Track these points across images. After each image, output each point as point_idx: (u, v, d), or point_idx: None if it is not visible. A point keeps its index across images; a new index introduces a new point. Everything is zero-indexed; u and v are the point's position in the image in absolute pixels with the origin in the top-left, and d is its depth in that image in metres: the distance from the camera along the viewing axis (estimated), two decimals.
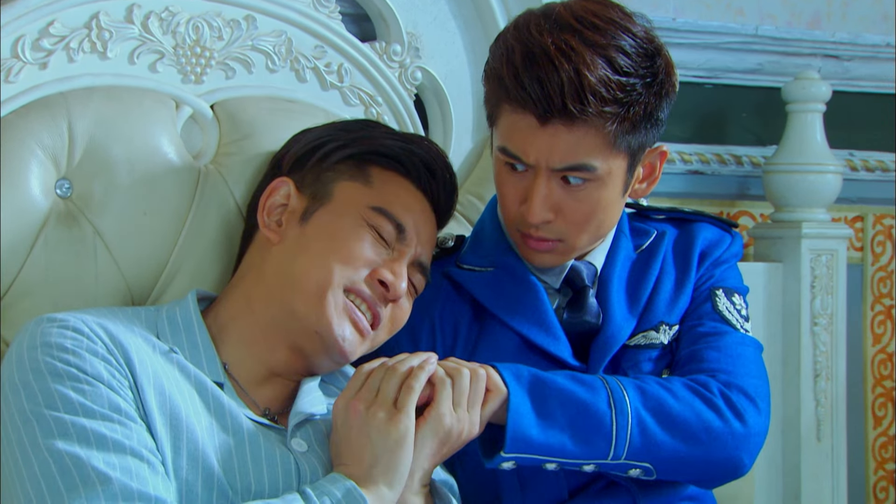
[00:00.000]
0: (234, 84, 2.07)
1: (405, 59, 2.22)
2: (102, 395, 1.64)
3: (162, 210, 1.94)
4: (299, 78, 2.12)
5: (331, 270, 1.79)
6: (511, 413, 1.79)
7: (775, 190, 2.70)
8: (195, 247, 1.96)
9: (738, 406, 1.89)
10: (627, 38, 1.85)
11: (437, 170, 1.90)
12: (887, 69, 2.92)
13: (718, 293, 2.03)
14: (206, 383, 1.75)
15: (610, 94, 1.82)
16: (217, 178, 1.98)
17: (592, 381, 1.86)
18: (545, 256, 1.96)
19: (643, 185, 1.99)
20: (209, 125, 2.03)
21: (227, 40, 2.05)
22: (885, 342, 3.05)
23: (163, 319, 1.81)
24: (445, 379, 1.74)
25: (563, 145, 1.85)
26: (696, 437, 1.86)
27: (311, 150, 1.88)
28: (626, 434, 1.83)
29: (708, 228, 2.09)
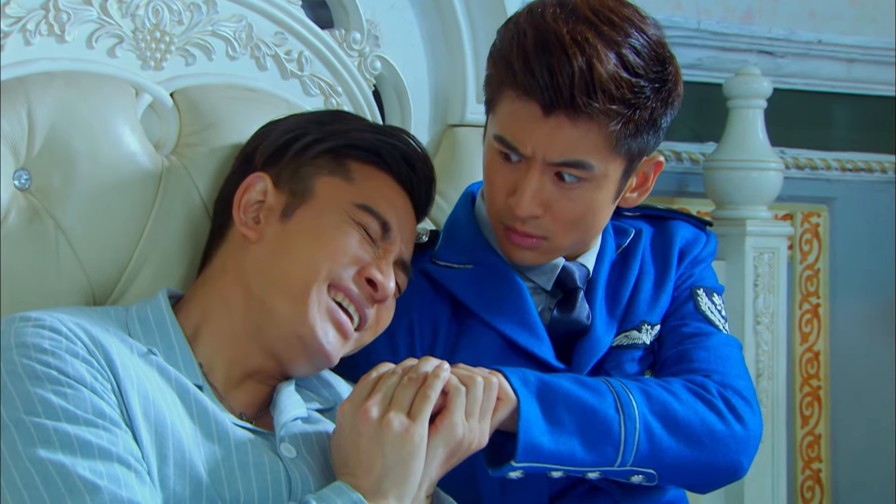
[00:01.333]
0: (194, 71, 1.99)
1: (364, 47, 2.16)
2: (85, 398, 1.56)
3: (125, 204, 1.85)
4: (259, 66, 2.05)
5: (317, 266, 1.72)
6: (522, 422, 1.75)
7: (717, 187, 2.71)
8: (159, 243, 1.88)
9: (738, 408, 1.88)
10: (642, 39, 1.83)
11: (416, 163, 1.85)
12: (818, 66, 2.95)
13: (699, 293, 2.02)
14: (187, 387, 1.67)
15: (619, 92, 1.79)
16: (180, 170, 1.90)
17: (597, 385, 1.83)
18: (526, 253, 1.92)
19: (634, 195, 1.96)
20: (169, 114, 1.95)
21: (186, 24, 1.97)
22: (813, 341, 3.08)
23: (133, 319, 1.73)
24: (460, 387, 1.68)
25: (564, 139, 1.81)
26: (700, 441, 1.85)
27: (286, 143, 1.81)
28: (634, 440, 1.80)
29: (684, 227, 2.08)
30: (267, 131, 1.85)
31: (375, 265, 1.76)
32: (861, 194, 3.06)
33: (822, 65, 2.96)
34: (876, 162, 3.15)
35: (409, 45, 2.22)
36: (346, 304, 1.75)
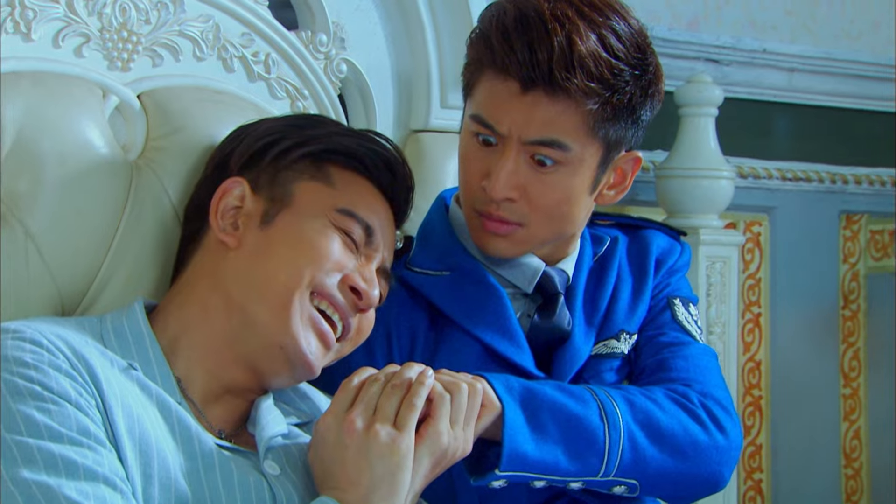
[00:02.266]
0: (161, 73, 1.93)
1: (331, 49, 2.12)
2: (70, 415, 1.50)
3: (95, 209, 1.79)
4: (226, 67, 2.00)
5: (300, 272, 1.68)
6: (507, 429, 1.73)
7: (669, 196, 2.70)
8: (130, 249, 1.81)
9: (719, 418, 1.87)
10: (623, 24, 1.83)
11: (396, 168, 1.82)
12: (761, 75, 2.97)
13: (676, 302, 2.01)
14: (169, 404, 1.62)
15: (598, 70, 1.78)
16: (150, 175, 1.84)
17: (581, 393, 1.81)
18: (500, 242, 1.89)
19: (612, 192, 1.95)
20: (136, 117, 1.89)
21: (154, 24, 1.91)
22: (754, 351, 3.10)
23: (108, 331, 1.67)
24: (445, 395, 1.65)
25: (541, 116, 1.80)
26: (683, 451, 1.84)
27: (263, 148, 1.77)
28: (618, 449, 1.79)
29: (659, 236, 2.07)
30: (240, 135, 1.81)
31: (359, 273, 1.72)
32: (800, 204, 3.08)
33: (764, 73, 2.98)
34: (814, 172, 3.18)
35: (373, 47, 2.18)
36: (329, 311, 1.71)
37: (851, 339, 3.31)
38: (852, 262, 3.29)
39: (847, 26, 3.24)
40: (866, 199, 3.31)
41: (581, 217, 1.92)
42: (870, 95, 3.27)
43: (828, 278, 3.19)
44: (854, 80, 3.19)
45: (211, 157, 1.82)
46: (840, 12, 3.24)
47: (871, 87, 3.25)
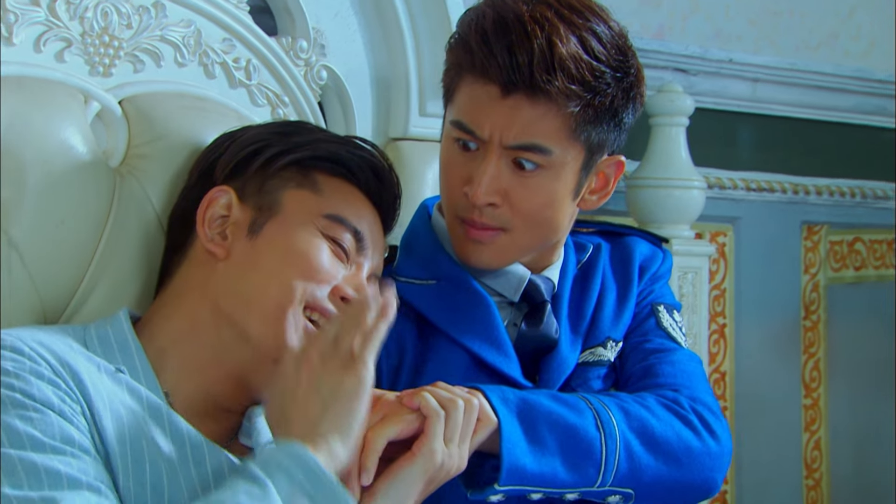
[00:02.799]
0: (143, 78, 1.90)
1: (311, 56, 2.09)
2: (53, 423, 1.47)
3: (79, 218, 1.76)
4: (208, 73, 1.97)
5: (291, 287, 1.65)
6: (505, 443, 1.70)
7: (640, 206, 2.69)
8: (114, 259, 1.78)
9: (710, 423, 1.87)
10: (603, 27, 1.82)
11: (383, 174, 1.80)
12: (726, 85, 2.98)
13: (660, 309, 2.00)
14: (159, 406, 1.59)
15: (578, 72, 1.77)
16: (133, 182, 1.81)
17: (576, 403, 1.79)
18: (484, 251, 1.87)
19: (594, 197, 1.93)
20: (118, 123, 1.86)
21: (135, 29, 1.88)
22: (720, 361, 3.10)
23: (93, 338, 1.64)
24: (439, 411, 1.62)
25: (522, 120, 1.78)
26: (677, 458, 1.82)
27: (249, 156, 1.74)
28: (615, 459, 1.77)
29: (641, 243, 2.06)
30: (224, 143, 1.78)
31: (350, 283, 1.70)
32: (764, 214, 3.09)
33: (729, 83, 2.99)
34: (777, 182, 3.19)
35: (352, 54, 2.16)
36: (322, 322, 1.67)
37: (812, 349, 3.32)
38: (813, 273, 3.30)
39: (806, 36, 3.26)
40: (826, 210, 3.33)
41: (565, 223, 1.91)
42: (830, 106, 3.29)
43: (790, 289, 3.21)
44: (815, 91, 3.21)
45: (195, 166, 1.79)
46: (800, 23, 3.26)
47: (831, 97, 3.27)
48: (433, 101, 2.18)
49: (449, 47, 1.86)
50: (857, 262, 3.42)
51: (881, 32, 3.49)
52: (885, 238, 3.50)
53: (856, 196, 3.35)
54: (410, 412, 1.63)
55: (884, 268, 3.50)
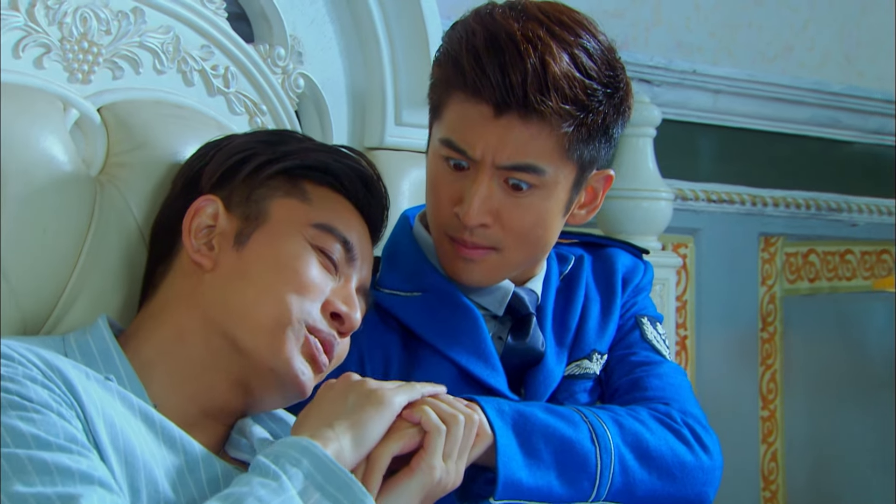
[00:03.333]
0: (122, 86, 1.86)
1: (288, 64, 2.06)
2: (55, 423, 1.43)
3: (60, 229, 1.71)
4: (186, 81, 1.93)
5: (287, 305, 1.62)
6: (501, 457, 1.68)
7: (608, 216, 2.69)
8: (95, 271, 1.74)
9: (702, 437, 1.86)
10: (593, 42, 1.79)
11: (372, 184, 1.77)
12: (688, 96, 2.98)
13: (644, 321, 1.99)
14: (152, 415, 1.55)
15: (572, 92, 1.75)
16: (114, 192, 1.77)
17: (571, 415, 1.78)
18: (474, 269, 1.85)
19: (583, 212, 1.92)
20: (96, 132, 1.82)
21: (114, 34, 1.84)
22: None
23: (73, 349, 1.61)
24: (441, 428, 1.61)
25: (515, 140, 1.76)
26: (671, 473, 1.81)
27: (236, 164, 1.71)
28: (609, 473, 1.76)
29: (623, 255, 2.05)
30: (209, 152, 1.74)
31: (338, 296, 1.67)
32: (724, 226, 3.10)
33: (692, 94, 2.99)
34: (737, 194, 3.19)
35: (328, 62, 2.13)
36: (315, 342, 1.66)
37: (769, 361, 3.33)
38: (770, 285, 3.31)
39: (763, 49, 3.27)
40: (783, 222, 3.35)
41: (554, 239, 1.89)
42: (787, 118, 3.31)
43: (749, 301, 3.21)
44: (773, 103, 3.22)
45: (178, 175, 1.76)
46: (757, 35, 3.27)
47: (788, 109, 3.28)
48: (409, 111, 2.16)
49: (437, 62, 1.83)
50: (811, 273, 3.44)
51: (833, 45, 3.52)
52: (838, 250, 3.52)
53: (811, 208, 3.37)
54: (411, 426, 1.61)
55: (836, 280, 3.52)
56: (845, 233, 3.52)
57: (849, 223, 3.52)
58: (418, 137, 2.16)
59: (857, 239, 3.57)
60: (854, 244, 3.56)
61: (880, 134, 3.57)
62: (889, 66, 3.66)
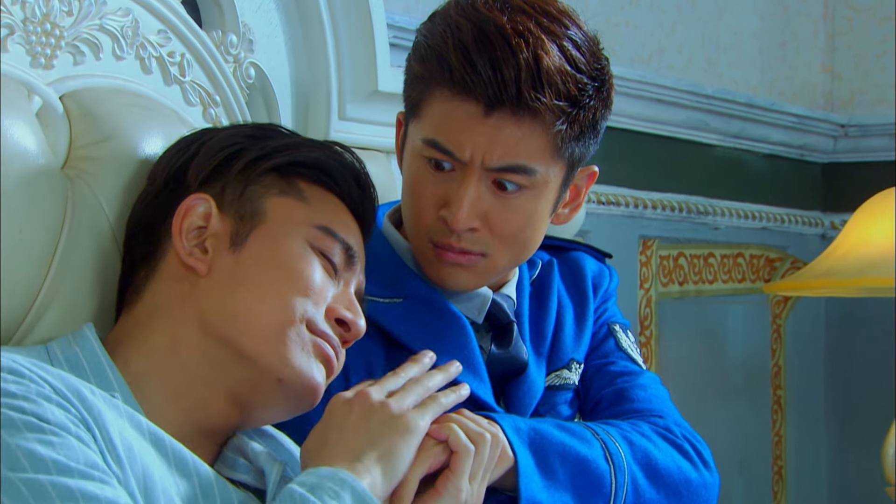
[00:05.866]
0: (83, 72, 1.74)
1: (240, 52, 1.97)
2: (74, 447, 1.33)
3: (36, 228, 1.59)
4: (144, 68, 1.82)
5: (289, 305, 1.54)
6: (522, 479, 1.65)
7: None
8: (68, 274, 1.62)
9: (702, 452, 1.85)
10: (580, 34, 1.75)
11: (363, 181, 1.69)
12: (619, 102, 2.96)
13: (617, 329, 1.97)
14: (162, 437, 1.46)
15: (565, 87, 1.70)
16: (84, 187, 1.65)
17: (583, 433, 1.75)
18: (462, 274, 1.79)
19: (566, 210, 1.88)
20: (59, 121, 1.69)
21: (76, 17, 1.72)
22: None
23: (60, 361, 1.50)
24: (470, 448, 1.57)
25: (506, 140, 1.70)
26: (678, 491, 1.80)
27: (226, 160, 1.61)
28: (623, 493, 1.74)
29: (588, 259, 2.02)
30: (191, 146, 1.64)
31: (341, 302, 1.59)
32: (609, 228, 3.09)
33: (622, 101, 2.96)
34: (622, 196, 3.20)
35: (274, 52, 2.04)
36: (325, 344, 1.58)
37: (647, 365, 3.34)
38: (647, 288, 3.33)
39: (639, 49, 3.29)
40: (658, 225, 3.36)
41: (539, 241, 1.85)
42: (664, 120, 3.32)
43: (630, 304, 3.21)
44: (654, 104, 3.24)
45: (158, 170, 1.65)
46: (633, 35, 3.28)
47: (666, 111, 3.30)
48: (353, 105, 2.10)
49: (417, 58, 1.76)
50: (681, 277, 3.47)
51: (697, 47, 3.56)
52: (702, 253, 3.56)
53: (683, 211, 3.40)
54: (437, 444, 1.56)
55: (702, 283, 3.55)
56: (709, 236, 3.57)
57: (712, 227, 3.56)
58: (362, 133, 2.11)
59: (718, 242, 3.61)
60: (716, 247, 3.61)
61: (740, 138, 3.62)
62: (747, 68, 3.72)
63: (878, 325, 3.86)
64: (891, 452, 3.18)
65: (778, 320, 3.86)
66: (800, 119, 3.79)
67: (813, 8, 4.00)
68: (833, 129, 3.94)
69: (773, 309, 3.85)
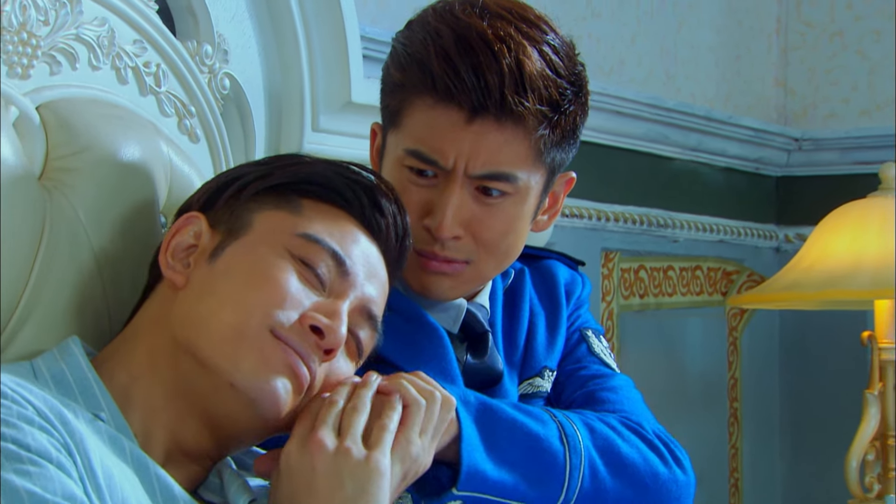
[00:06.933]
0: (59, 82, 1.71)
1: (215, 63, 1.94)
2: (53, 478, 1.28)
3: (14, 239, 1.56)
4: (120, 78, 1.79)
5: (248, 310, 1.47)
6: (465, 446, 1.63)
7: None
8: (47, 286, 1.59)
9: (675, 451, 1.82)
10: (558, 39, 1.75)
11: (383, 202, 1.59)
12: None
13: (589, 335, 1.96)
14: (145, 461, 1.42)
15: (547, 92, 1.70)
16: (62, 200, 1.62)
17: (539, 414, 1.73)
18: (445, 283, 1.77)
19: (545, 217, 1.87)
20: (35, 132, 1.65)
21: (52, 26, 1.69)
22: None
23: (45, 378, 1.46)
24: (420, 401, 1.54)
25: (489, 146, 1.69)
26: (644, 483, 1.77)
27: (225, 184, 1.58)
28: (579, 476, 1.71)
29: (560, 267, 2.01)
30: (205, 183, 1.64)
31: (320, 310, 1.50)
32: (572, 240, 3.08)
33: None
34: (585, 208, 3.19)
35: (248, 62, 2.01)
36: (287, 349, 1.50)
37: None
38: (608, 301, 3.32)
39: (601, 61, 3.28)
40: (619, 237, 3.36)
41: (521, 248, 1.84)
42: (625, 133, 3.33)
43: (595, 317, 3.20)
44: (616, 117, 3.24)
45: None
46: (595, 47, 3.28)
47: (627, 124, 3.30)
48: (326, 117, 2.08)
49: (397, 66, 1.74)
50: (641, 289, 3.47)
51: (656, 60, 3.56)
52: (662, 266, 3.56)
53: (643, 224, 3.40)
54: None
55: (662, 296, 3.55)
56: (669, 249, 3.57)
57: (672, 239, 3.56)
58: (336, 145, 2.08)
59: (677, 255, 3.61)
60: (675, 260, 3.61)
61: (698, 151, 3.63)
62: (704, 81, 3.73)
63: (832, 337, 3.87)
64: (853, 465, 3.18)
65: (734, 333, 3.87)
66: (756, 133, 3.80)
67: (766, 23, 4.02)
68: (787, 143, 3.96)
69: (730, 322, 3.86)
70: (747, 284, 3.86)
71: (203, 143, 1.90)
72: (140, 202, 1.67)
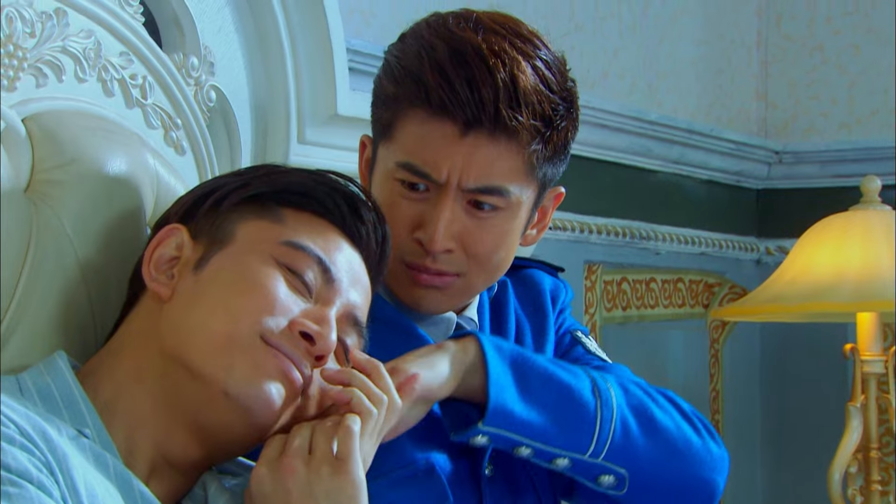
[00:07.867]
0: (45, 95, 1.69)
1: (201, 75, 1.93)
2: (32, 498, 1.26)
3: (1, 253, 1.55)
4: (106, 91, 1.78)
5: (238, 318, 1.47)
6: (492, 384, 1.66)
7: None
8: (33, 300, 1.57)
9: (710, 427, 1.83)
10: (550, 55, 1.76)
11: (362, 210, 1.60)
12: None
13: (580, 335, 1.97)
14: (130, 480, 1.41)
15: (540, 107, 1.70)
16: (48, 212, 1.61)
17: (573, 368, 1.76)
18: (436, 296, 1.77)
19: (534, 231, 1.87)
20: (21, 145, 1.64)
21: (38, 38, 1.67)
22: None
23: (31, 393, 1.44)
24: (372, 411, 1.52)
25: (482, 160, 1.70)
26: (676, 447, 1.77)
27: (204, 196, 1.58)
28: (610, 429, 1.72)
29: (543, 275, 2.01)
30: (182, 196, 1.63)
31: (309, 316, 1.50)
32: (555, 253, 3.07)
33: None
34: (568, 221, 3.19)
35: (234, 74, 2.00)
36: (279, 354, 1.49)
37: None
38: (592, 313, 3.32)
39: (584, 74, 3.28)
40: (602, 250, 3.36)
41: (510, 262, 1.84)
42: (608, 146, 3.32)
43: None
44: (599, 130, 3.23)
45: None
46: (579, 60, 3.28)
47: (610, 136, 3.30)
48: (312, 129, 2.07)
49: (390, 79, 1.74)
50: (624, 302, 3.46)
51: (638, 73, 3.56)
52: (644, 278, 3.56)
53: (626, 236, 3.40)
54: None
55: (644, 308, 3.55)
56: (651, 261, 3.57)
57: (654, 252, 3.56)
58: (322, 157, 2.06)
59: (659, 267, 3.61)
60: (657, 272, 3.61)
61: (680, 164, 3.63)
62: (685, 94, 3.74)
63: (813, 350, 3.88)
64: (836, 478, 3.18)
65: (716, 345, 3.87)
66: (737, 145, 3.81)
67: (747, 36, 4.03)
68: (768, 156, 3.97)
69: (712, 334, 3.86)
70: (729, 297, 3.86)
71: (189, 156, 1.89)
72: (126, 214, 1.66)
